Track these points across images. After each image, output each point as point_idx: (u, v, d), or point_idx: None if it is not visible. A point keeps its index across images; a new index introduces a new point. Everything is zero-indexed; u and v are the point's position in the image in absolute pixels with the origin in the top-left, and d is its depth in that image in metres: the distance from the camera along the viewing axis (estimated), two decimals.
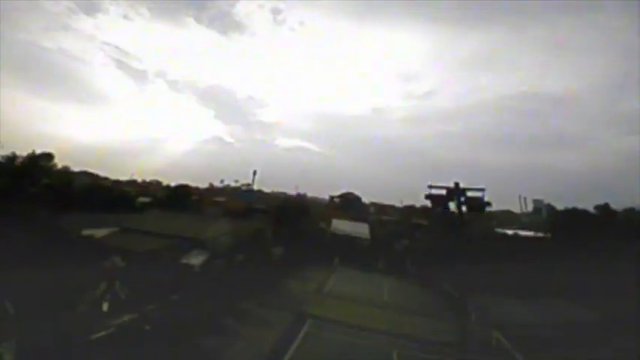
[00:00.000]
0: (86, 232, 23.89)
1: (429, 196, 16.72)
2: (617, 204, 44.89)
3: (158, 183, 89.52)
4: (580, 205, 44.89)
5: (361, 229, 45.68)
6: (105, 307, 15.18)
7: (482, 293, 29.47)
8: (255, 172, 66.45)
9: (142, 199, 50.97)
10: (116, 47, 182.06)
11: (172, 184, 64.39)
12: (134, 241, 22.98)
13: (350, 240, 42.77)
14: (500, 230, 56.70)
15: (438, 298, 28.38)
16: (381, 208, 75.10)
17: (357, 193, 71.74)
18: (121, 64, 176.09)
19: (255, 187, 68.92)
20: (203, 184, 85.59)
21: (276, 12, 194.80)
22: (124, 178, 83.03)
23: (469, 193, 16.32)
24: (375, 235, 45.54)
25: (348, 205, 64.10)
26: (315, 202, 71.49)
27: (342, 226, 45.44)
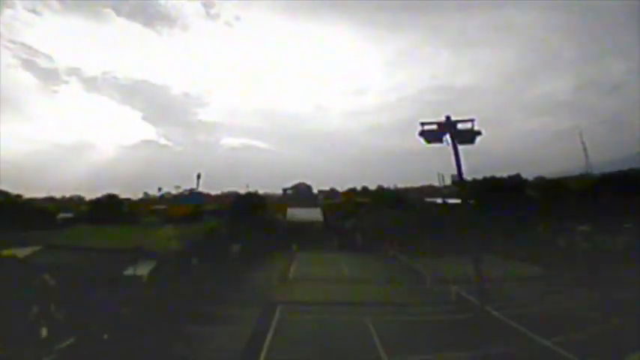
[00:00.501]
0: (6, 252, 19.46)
1: (422, 133, 16.21)
2: (528, 174, 51.83)
3: (80, 198, 77.77)
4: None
5: (314, 214, 45.70)
6: (44, 332, 12.39)
7: (427, 256, 31.61)
8: (199, 175, 61.45)
9: (64, 215, 43.69)
10: (23, 45, 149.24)
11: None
12: (64, 257, 19.25)
13: (305, 225, 42.54)
14: (429, 200, 62.01)
15: (391, 265, 29.37)
16: (329, 194, 76.56)
17: (308, 183, 71.79)
18: (29, 64, 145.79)
19: (202, 191, 63.98)
20: (136, 195, 76.60)
21: (207, 5, 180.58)
22: (39, 195, 70.31)
23: (459, 126, 16.36)
24: (327, 218, 46.09)
25: (301, 194, 63.79)
26: (269, 197, 68.54)
27: (296, 213, 44.94)
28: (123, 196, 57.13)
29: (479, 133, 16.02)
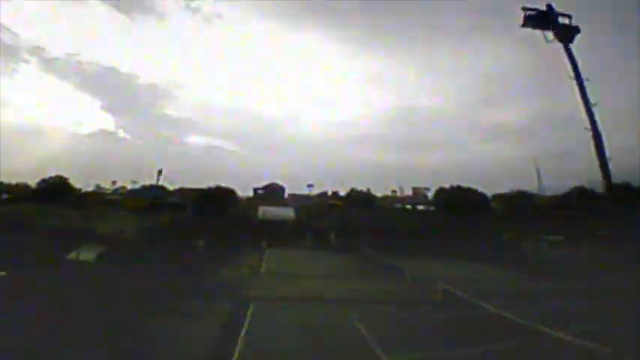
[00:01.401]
0: None
1: (528, 18, 14.02)
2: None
3: (26, 186, 67.94)
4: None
5: (287, 213, 43.32)
6: None
7: (400, 256, 30.75)
8: (160, 171, 56.04)
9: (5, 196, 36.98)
10: None
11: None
12: None
13: (278, 224, 39.97)
14: (397, 205, 62.71)
15: (367, 263, 27.86)
16: (301, 197, 74.37)
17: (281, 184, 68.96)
18: None
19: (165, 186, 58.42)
20: (87, 186, 67.99)
21: None
22: None
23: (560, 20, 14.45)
24: (300, 217, 43.96)
25: (273, 194, 60.75)
26: (238, 198, 64.97)
27: (269, 212, 42.19)
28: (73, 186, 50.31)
29: (578, 30, 14.43)
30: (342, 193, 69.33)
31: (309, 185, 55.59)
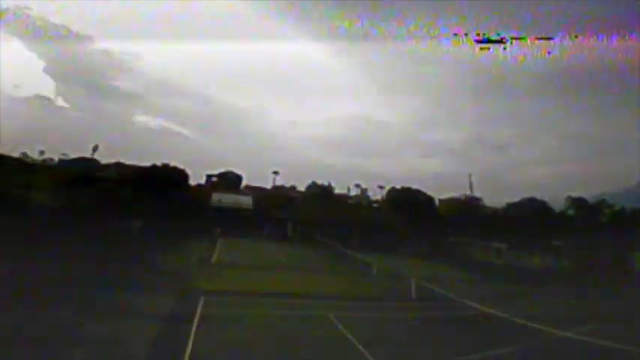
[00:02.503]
0: None
1: None
2: None
3: None
4: None
5: (244, 202, 39.07)
6: None
7: (357, 249, 29.15)
8: (96, 147, 47.91)
9: None
10: None
11: None
12: None
13: (233, 212, 35.61)
14: (351, 201, 62.45)
15: (327, 254, 25.67)
16: (259, 189, 69.74)
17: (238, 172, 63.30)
18: None
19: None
20: (11, 153, 55.36)
21: None
22: None
23: None
24: (257, 207, 40.03)
25: (228, 183, 55.12)
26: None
27: (224, 199, 37.42)
28: None
29: None
30: (300, 188, 66.79)
31: (275, 172, 51.14)
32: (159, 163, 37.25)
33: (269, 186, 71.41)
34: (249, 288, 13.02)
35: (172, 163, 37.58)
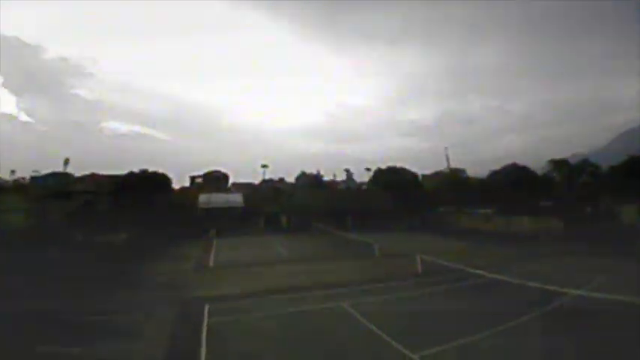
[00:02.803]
0: None
1: None
2: None
3: None
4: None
5: (234, 199, 37.73)
6: None
7: (353, 231, 29.38)
8: (67, 161, 44.97)
9: None
10: None
11: None
12: None
13: (224, 211, 34.33)
14: (341, 187, 62.31)
15: (328, 240, 25.23)
16: (246, 186, 67.96)
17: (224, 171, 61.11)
18: None
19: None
20: None
21: None
22: None
23: None
24: (249, 202, 38.84)
25: (215, 183, 53.11)
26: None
27: (213, 199, 35.90)
28: None
29: None
30: (288, 179, 65.56)
31: (264, 166, 49.51)
32: (136, 170, 35.03)
33: (257, 181, 69.83)
34: (255, 287, 12.20)
35: (151, 169, 35.46)
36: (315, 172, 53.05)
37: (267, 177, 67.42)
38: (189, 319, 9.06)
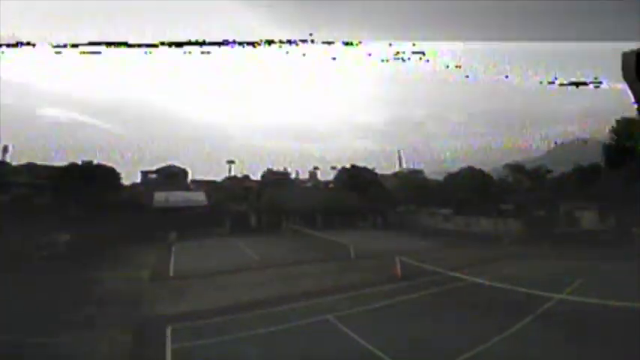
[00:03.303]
0: None
1: None
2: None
3: None
4: None
5: (196, 198, 34.60)
6: None
7: (323, 230, 28.73)
8: (6, 149, 39.16)
9: None
10: None
11: None
12: None
13: (184, 211, 31.18)
14: (307, 184, 61.89)
15: (299, 242, 24.11)
16: (207, 183, 63.51)
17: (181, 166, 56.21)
18: None
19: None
20: None
21: None
22: None
23: None
24: (212, 202, 36.02)
25: (172, 179, 48.50)
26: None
27: (170, 198, 32.40)
28: None
29: None
30: (253, 177, 62.76)
31: (230, 162, 45.88)
32: (79, 162, 30.31)
33: (219, 178, 65.78)
34: (225, 302, 10.69)
35: (95, 161, 30.95)
36: (281, 169, 51.35)
37: (231, 174, 63.95)
38: (148, 345, 7.43)
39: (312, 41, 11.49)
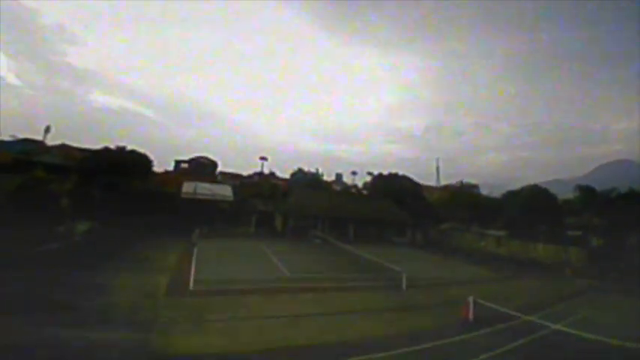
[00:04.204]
0: None
1: None
2: None
3: None
4: None
5: (223, 192, 32.72)
6: None
7: (355, 244, 25.80)
8: (48, 128, 40.99)
9: None
10: None
11: None
12: None
13: (210, 205, 29.43)
14: (337, 188, 58.58)
15: (337, 260, 20.47)
16: (235, 176, 62.66)
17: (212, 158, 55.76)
18: None
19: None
20: None
21: None
22: None
23: None
24: (240, 198, 34.04)
25: (201, 170, 47.76)
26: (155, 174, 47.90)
27: (198, 189, 30.81)
28: None
29: None
30: (280, 174, 60.69)
31: (263, 158, 43.67)
32: (112, 146, 29.51)
33: (246, 173, 64.52)
34: (255, 340, 7.93)
35: (131, 146, 29.99)
36: (312, 170, 48.64)
37: (256, 171, 62.49)
38: None
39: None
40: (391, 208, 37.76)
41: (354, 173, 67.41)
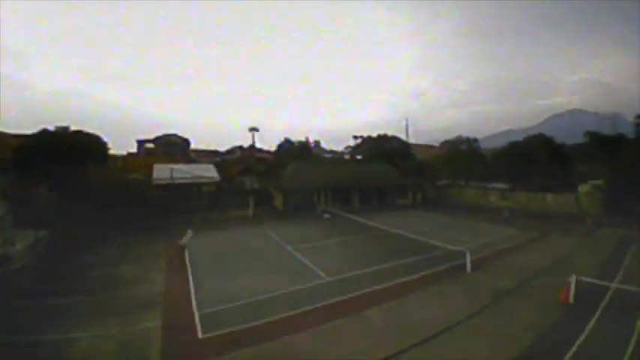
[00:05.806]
0: None
1: None
2: None
3: None
4: None
5: (206, 172, 26.93)
6: None
7: (371, 213, 22.67)
8: None
9: None
10: None
11: None
12: None
13: (191, 189, 23.87)
14: (327, 155, 54.50)
15: (362, 240, 16.54)
16: (212, 153, 55.09)
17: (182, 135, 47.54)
18: None
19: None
20: None
21: None
22: None
23: None
24: (225, 177, 28.56)
25: (171, 149, 40.22)
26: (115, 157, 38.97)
27: (176, 172, 24.58)
28: None
29: None
30: (263, 146, 54.42)
31: (253, 129, 36.14)
32: (52, 128, 22.05)
33: (222, 148, 57.35)
34: None
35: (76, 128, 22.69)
36: (302, 139, 43.30)
37: (239, 144, 55.54)
38: None
39: None
40: (390, 170, 34.68)
41: (355, 137, 61.98)
